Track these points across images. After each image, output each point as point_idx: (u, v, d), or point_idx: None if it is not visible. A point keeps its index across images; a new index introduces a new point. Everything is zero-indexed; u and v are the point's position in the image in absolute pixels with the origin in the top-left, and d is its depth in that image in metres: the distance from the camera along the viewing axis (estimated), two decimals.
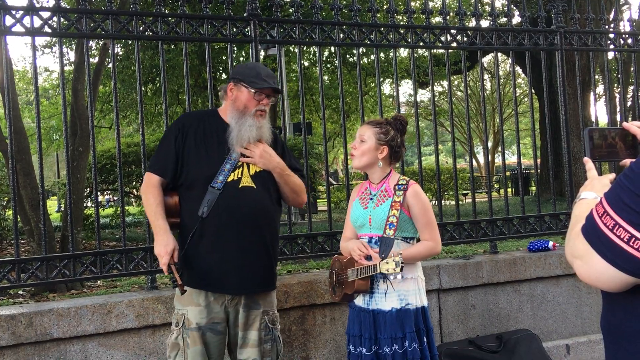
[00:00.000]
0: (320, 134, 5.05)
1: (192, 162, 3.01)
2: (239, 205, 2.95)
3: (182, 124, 3.11)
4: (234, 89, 3.09)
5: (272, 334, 3.07)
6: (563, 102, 5.15)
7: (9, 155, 3.72)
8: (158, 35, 4.02)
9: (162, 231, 2.91)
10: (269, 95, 3.09)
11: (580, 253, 1.36)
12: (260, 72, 3.09)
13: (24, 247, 6.78)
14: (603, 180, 1.61)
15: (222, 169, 2.98)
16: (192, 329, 2.92)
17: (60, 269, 3.71)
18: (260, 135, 3.05)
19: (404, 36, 4.68)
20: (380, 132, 3.14)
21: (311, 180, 7.98)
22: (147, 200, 2.99)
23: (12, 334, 3.38)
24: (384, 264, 2.85)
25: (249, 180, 3.01)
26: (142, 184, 3.09)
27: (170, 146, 3.05)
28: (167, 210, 2.99)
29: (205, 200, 2.93)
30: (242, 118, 3.03)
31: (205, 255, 2.95)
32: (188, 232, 2.96)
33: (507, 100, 25.72)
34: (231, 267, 2.94)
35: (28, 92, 22.20)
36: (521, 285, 4.66)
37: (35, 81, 3.83)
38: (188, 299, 2.95)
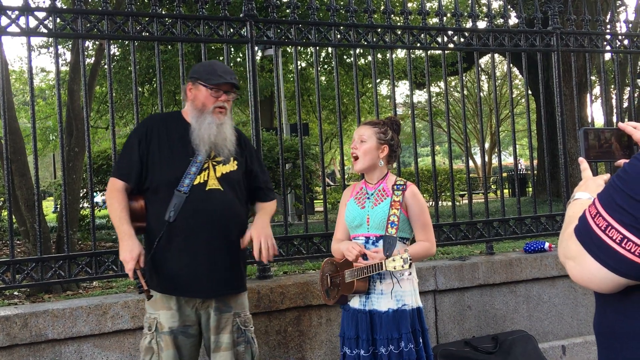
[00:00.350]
0: (317, 134, 5.03)
1: (156, 166, 2.96)
2: (207, 209, 2.91)
3: (146, 127, 3.05)
4: (192, 88, 3.05)
5: (245, 335, 3.03)
6: (559, 103, 5.16)
7: (5, 156, 3.72)
8: (154, 36, 4.02)
9: (127, 236, 2.85)
10: (228, 92, 3.04)
11: (572, 254, 1.36)
12: (216, 69, 3.06)
13: (20, 247, 6.77)
14: (597, 181, 1.60)
15: (187, 172, 2.93)
16: (164, 332, 2.89)
17: (55, 269, 3.70)
18: (222, 133, 3.00)
19: (401, 37, 4.68)
20: (380, 132, 3.15)
21: (308, 181, 7.97)
22: (112, 205, 2.93)
23: (7, 335, 3.37)
24: (390, 261, 2.84)
25: (215, 183, 2.97)
26: (106, 190, 3.03)
27: (133, 150, 2.99)
28: (133, 214, 2.94)
29: (171, 204, 2.89)
30: (201, 116, 2.99)
31: (173, 260, 2.91)
32: (155, 236, 2.91)
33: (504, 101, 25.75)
34: (200, 271, 2.90)
35: (25, 92, 22.16)
36: (517, 286, 4.66)
37: (31, 82, 3.82)
38: (159, 303, 2.91)
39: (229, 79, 3.04)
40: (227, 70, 3.10)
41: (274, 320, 3.97)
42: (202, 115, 2.99)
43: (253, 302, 3.87)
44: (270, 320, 3.97)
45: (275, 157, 8.15)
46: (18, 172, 4.70)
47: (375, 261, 2.94)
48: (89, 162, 3.92)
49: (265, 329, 3.94)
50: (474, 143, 32.95)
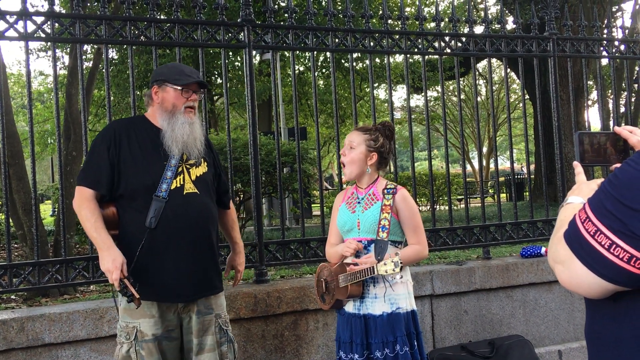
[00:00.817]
0: (315, 138, 5.05)
1: (130, 172, 2.91)
2: (187, 213, 2.91)
3: (113, 132, 2.99)
4: (158, 91, 3.03)
5: (227, 335, 3.05)
6: (556, 108, 5.18)
7: (2, 160, 3.72)
8: (152, 41, 4.03)
9: (107, 246, 2.80)
10: (196, 91, 3.05)
11: (562, 258, 1.35)
12: (183, 70, 3.06)
13: (17, 251, 6.76)
14: (591, 185, 1.58)
15: (164, 176, 2.90)
16: (147, 340, 2.85)
17: (52, 273, 3.71)
18: (193, 132, 2.99)
19: (398, 42, 4.70)
20: (370, 139, 3.15)
21: (305, 185, 7.97)
22: (84, 215, 2.85)
23: (4, 339, 3.37)
24: (382, 265, 2.85)
25: (192, 186, 2.96)
26: (74, 200, 2.95)
27: (102, 157, 2.92)
28: (106, 222, 2.87)
29: (151, 210, 2.86)
30: (172, 117, 2.97)
31: (156, 267, 2.88)
32: (135, 243, 2.85)
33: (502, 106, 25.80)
34: (184, 276, 2.89)
35: (23, 95, 22.15)
36: (514, 291, 4.67)
37: (29, 85, 3.83)
38: (139, 311, 2.86)
39: (197, 77, 3.05)
40: (193, 70, 3.10)
41: (271, 324, 3.98)
42: (173, 117, 2.97)
43: (250, 306, 3.88)
44: (267, 325, 3.97)
45: (273, 161, 8.15)
46: (16, 175, 4.71)
47: (367, 265, 2.95)
48: None
49: (262, 333, 3.95)
50: (472, 147, 33.00)
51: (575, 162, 1.66)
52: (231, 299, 3.80)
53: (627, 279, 1.26)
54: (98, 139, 3.02)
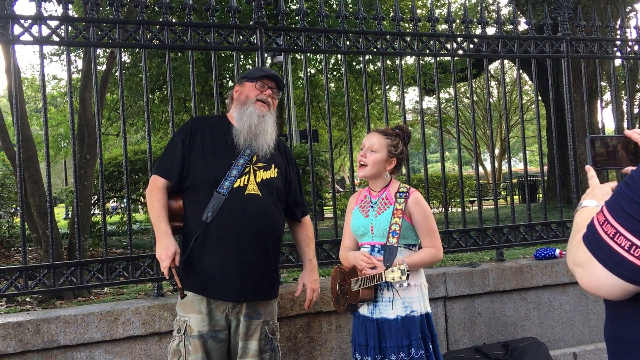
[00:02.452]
0: (327, 141, 5.05)
1: (198, 166, 2.99)
2: (243, 213, 2.93)
3: (190, 127, 3.10)
4: (239, 89, 3.15)
5: (272, 344, 3.05)
6: (570, 110, 5.15)
7: (17, 163, 3.75)
8: (165, 44, 4.05)
9: (164, 234, 2.89)
10: (272, 88, 3.12)
11: (581, 261, 1.36)
12: (262, 68, 3.22)
13: (32, 254, 6.81)
14: (605, 188, 1.60)
15: (228, 174, 2.95)
16: (193, 336, 2.90)
17: (67, 276, 3.73)
18: (263, 125, 3.03)
19: (410, 44, 4.69)
20: (392, 145, 3.14)
21: (317, 187, 7.98)
22: (152, 202, 2.97)
23: (20, 341, 3.39)
24: (389, 272, 2.85)
25: (255, 188, 2.98)
26: (147, 187, 3.07)
27: (177, 149, 3.04)
28: (171, 214, 2.97)
29: (210, 205, 2.91)
30: (243, 107, 3.06)
31: (207, 261, 2.93)
32: (191, 236, 2.93)
33: (514, 107, 25.69)
34: (232, 275, 2.91)
35: (36, 99, 22.31)
36: (528, 293, 4.65)
37: (43, 89, 3.86)
38: (190, 306, 2.93)
39: (273, 74, 3.14)
40: (273, 72, 3.19)
41: (284, 326, 3.98)
42: (244, 106, 3.06)
43: None
44: (281, 327, 3.96)
45: None
46: (30, 179, 4.74)
47: (376, 271, 2.96)
48: (101, 169, 3.94)
49: None
50: (484, 149, 32.87)
51: (587, 166, 1.67)
52: None
53: None
54: (177, 132, 3.17)
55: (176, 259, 2.85)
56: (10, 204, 8.98)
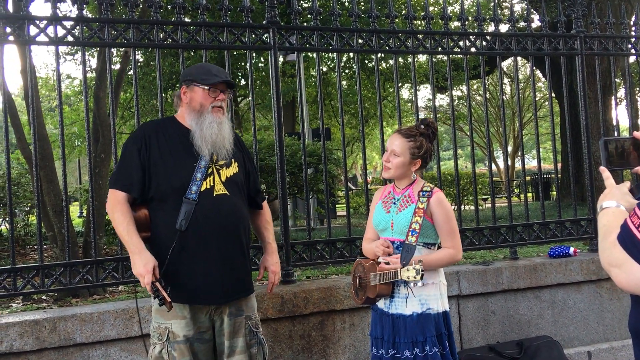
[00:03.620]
0: (339, 139, 5.05)
1: (160, 174, 2.93)
2: (217, 215, 2.91)
3: (143, 134, 3.00)
4: (187, 91, 3.05)
5: (257, 337, 3.06)
6: (584, 107, 5.12)
7: (33, 163, 3.79)
8: (178, 44, 4.07)
9: (138, 250, 2.81)
10: (224, 91, 3.05)
11: (618, 262, 1.41)
12: (210, 69, 3.06)
13: (47, 252, 6.87)
14: (622, 188, 1.66)
15: (193, 178, 2.91)
16: (178, 341, 2.87)
17: (83, 274, 3.77)
18: (222, 131, 2.99)
19: (423, 42, 4.69)
20: (414, 147, 3.12)
21: (330, 185, 7.98)
22: (117, 219, 2.87)
23: (37, 339, 3.43)
24: (405, 271, 2.86)
25: (221, 188, 2.96)
26: (107, 203, 2.98)
27: (134, 159, 2.94)
28: (137, 225, 2.89)
29: (182, 212, 2.86)
30: (200, 117, 2.98)
31: (187, 269, 2.89)
32: (166, 246, 2.86)
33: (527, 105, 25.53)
34: (215, 278, 2.90)
35: (50, 98, 22.43)
36: (542, 291, 4.63)
37: (59, 89, 3.89)
38: (172, 312, 2.87)
39: (225, 77, 3.05)
40: (221, 70, 3.11)
41: (298, 325, 3.99)
42: (201, 116, 2.98)
43: (277, 306, 3.90)
44: (294, 325, 3.99)
45: (298, 162, 8.17)
46: (46, 178, 4.79)
47: (393, 268, 2.97)
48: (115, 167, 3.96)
49: (289, 333, 3.97)
50: (497, 147, 32.72)
51: (602, 167, 1.74)
52: (258, 300, 3.82)
53: None
54: (129, 142, 3.05)
55: (156, 272, 2.79)
56: (25, 202, 9.05)
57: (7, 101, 3.82)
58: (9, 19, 3.72)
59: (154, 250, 2.90)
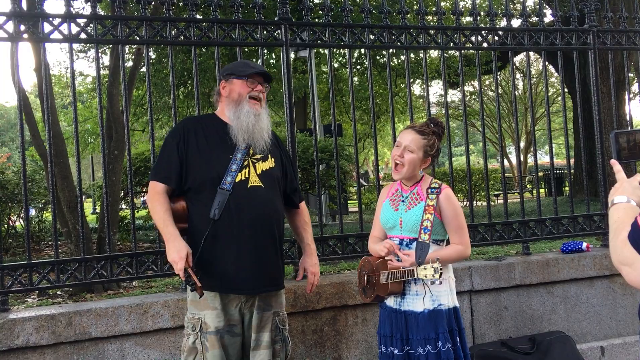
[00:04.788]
0: (351, 135, 5.06)
1: (197, 166, 3.00)
2: (250, 206, 2.96)
3: (183, 128, 3.10)
4: (226, 85, 3.14)
5: (282, 334, 3.09)
6: (597, 102, 5.09)
7: (48, 159, 3.82)
8: (191, 40, 4.10)
9: (173, 237, 2.89)
10: (261, 83, 3.11)
11: (628, 260, 1.41)
12: (247, 63, 3.17)
13: (62, 248, 6.93)
14: (633, 183, 1.64)
15: (229, 169, 2.97)
16: (210, 332, 2.93)
17: (97, 269, 3.80)
18: (260, 123, 3.04)
19: (434, 37, 4.68)
20: (428, 145, 3.13)
21: (342, 181, 8.00)
22: (154, 208, 2.97)
23: (52, 333, 3.47)
24: (422, 269, 2.86)
25: (256, 180, 3.01)
26: (146, 194, 3.08)
27: (172, 152, 3.03)
28: (175, 216, 2.97)
29: (215, 202, 2.93)
30: (238, 107, 3.05)
31: (219, 258, 2.95)
32: (200, 235, 2.94)
33: (540, 100, 25.39)
34: (246, 268, 2.94)
35: (63, 95, 22.58)
36: (554, 286, 4.62)
37: (73, 87, 3.93)
38: (204, 303, 2.95)
39: (261, 69, 3.15)
40: (257, 64, 3.21)
41: (310, 319, 4.01)
42: (239, 105, 3.05)
43: (290, 301, 3.92)
44: (307, 320, 4.01)
45: (310, 158, 8.19)
46: (60, 174, 4.83)
47: (407, 266, 2.97)
48: (129, 164, 4.00)
49: (302, 328, 3.99)
50: (509, 142, 32.57)
51: (612, 161, 1.73)
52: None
53: None
54: (169, 135, 3.16)
55: (189, 259, 2.85)
56: (39, 199, 9.13)
57: (22, 99, 3.85)
58: (23, 17, 3.75)
59: (189, 239, 2.98)
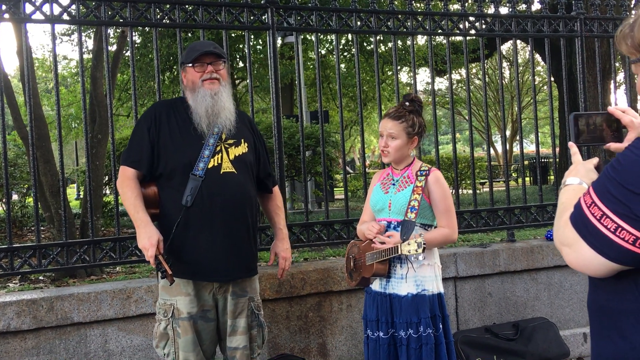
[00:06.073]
0: (337, 122, 5.05)
1: (169, 151, 2.95)
2: (222, 192, 2.92)
3: (154, 113, 3.04)
4: (184, 74, 3.08)
5: (258, 319, 3.08)
6: (583, 90, 5.10)
7: (30, 142, 3.77)
8: (176, 23, 4.04)
9: (144, 224, 2.84)
10: (212, 62, 3.02)
11: (569, 241, 1.42)
12: (194, 46, 3.08)
13: (44, 233, 6.86)
14: (587, 165, 1.66)
15: (201, 155, 2.92)
16: (182, 318, 2.89)
17: (80, 254, 3.76)
18: (219, 102, 2.98)
19: (422, 23, 4.66)
20: (408, 126, 3.12)
21: (328, 168, 7.98)
22: (125, 193, 2.91)
23: (34, 318, 3.44)
24: (405, 245, 2.85)
25: (229, 166, 2.97)
26: (117, 179, 3.02)
27: (143, 137, 2.98)
28: (146, 201, 2.92)
29: (187, 188, 2.88)
30: (194, 93, 3.00)
31: (192, 245, 2.91)
32: (172, 222, 2.89)
33: (526, 89, 25.47)
34: (219, 255, 2.91)
35: (47, 80, 22.33)
36: (538, 273, 4.65)
37: (55, 69, 3.87)
38: (176, 289, 2.91)
39: (206, 48, 3.04)
40: (205, 44, 3.10)
41: (295, 305, 4.01)
42: (195, 92, 3.00)
43: (274, 287, 3.90)
44: (292, 306, 4.00)
45: (296, 145, 8.15)
46: (42, 158, 4.76)
47: (392, 244, 2.95)
48: (112, 148, 3.96)
49: (287, 314, 3.98)
50: (495, 130, 32.69)
51: (570, 143, 1.73)
52: None
53: (632, 260, 1.34)
54: (140, 120, 3.10)
55: (160, 246, 2.81)
56: (22, 183, 9.03)
57: (2, 81, 3.78)
58: None
59: (161, 226, 2.93)
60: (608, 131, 1.72)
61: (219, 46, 3.15)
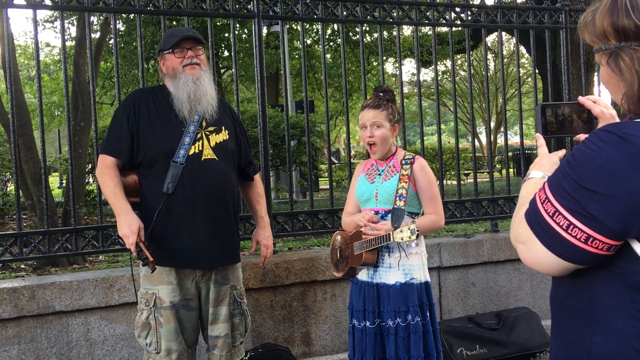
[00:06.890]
0: (323, 112, 5.02)
1: (149, 139, 2.93)
2: (204, 179, 2.90)
3: (133, 101, 3.01)
4: (162, 62, 3.06)
5: (240, 307, 3.06)
6: (567, 82, 5.13)
7: (11, 129, 3.72)
8: (160, 10, 4.00)
9: (124, 211, 2.81)
10: (191, 48, 3.00)
11: (523, 238, 1.37)
12: (173, 33, 3.06)
13: (26, 222, 6.81)
14: (552, 158, 1.60)
15: (181, 142, 2.90)
16: (165, 307, 2.87)
17: (62, 242, 3.73)
18: (201, 87, 2.96)
19: (408, 13, 4.65)
20: (389, 114, 3.13)
21: (313, 158, 7.97)
22: (105, 182, 2.88)
23: (15, 307, 3.40)
24: (398, 232, 2.85)
25: (210, 153, 2.95)
26: (96, 168, 3.00)
27: (123, 125, 2.95)
28: (127, 189, 2.90)
29: (168, 176, 2.86)
30: (175, 80, 2.98)
31: (173, 232, 2.89)
32: (153, 210, 2.87)
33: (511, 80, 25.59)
34: (201, 242, 2.90)
35: (29, 67, 22.09)
36: (521, 263, 4.67)
37: (37, 55, 3.81)
38: (158, 278, 2.89)
39: (185, 33, 3.02)
40: (184, 30, 3.09)
41: (279, 295, 4.00)
42: (176, 79, 2.98)
43: (258, 277, 3.90)
44: (276, 295, 4.00)
45: (281, 134, 8.14)
46: (24, 146, 4.72)
47: (383, 232, 2.95)
48: (95, 136, 3.92)
49: (271, 303, 3.98)
50: (480, 122, 32.83)
51: (537, 134, 1.65)
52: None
53: (585, 258, 1.29)
54: (119, 108, 3.07)
55: (141, 233, 2.78)
56: (3, 172, 8.94)
57: None
58: None
59: (142, 214, 2.90)
60: (578, 122, 1.64)
61: (196, 32, 3.13)
